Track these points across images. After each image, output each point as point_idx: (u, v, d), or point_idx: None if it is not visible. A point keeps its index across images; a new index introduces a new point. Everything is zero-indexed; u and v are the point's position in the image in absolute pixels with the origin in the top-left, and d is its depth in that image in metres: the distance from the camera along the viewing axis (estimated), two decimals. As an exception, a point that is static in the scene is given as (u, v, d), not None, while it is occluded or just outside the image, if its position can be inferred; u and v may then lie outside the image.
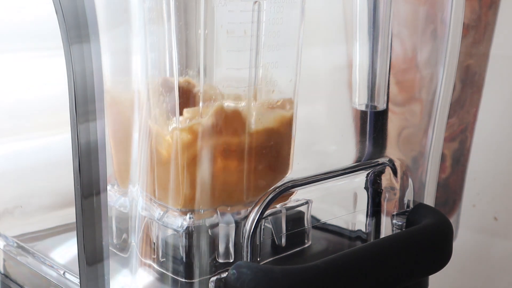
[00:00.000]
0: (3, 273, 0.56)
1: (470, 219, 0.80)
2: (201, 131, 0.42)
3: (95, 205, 0.42)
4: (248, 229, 0.43)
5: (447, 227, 0.49)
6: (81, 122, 0.41)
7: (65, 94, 0.41)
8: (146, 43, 0.41)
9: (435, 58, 0.50)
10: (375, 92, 0.51)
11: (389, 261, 0.46)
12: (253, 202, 0.44)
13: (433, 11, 0.50)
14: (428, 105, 0.51)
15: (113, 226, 0.46)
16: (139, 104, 0.42)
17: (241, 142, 0.43)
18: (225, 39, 0.42)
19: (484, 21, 0.69)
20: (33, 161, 0.59)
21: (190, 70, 0.42)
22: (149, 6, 0.41)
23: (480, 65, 0.71)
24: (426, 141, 0.52)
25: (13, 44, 0.57)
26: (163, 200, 0.43)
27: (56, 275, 0.50)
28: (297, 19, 0.45)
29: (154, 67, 0.42)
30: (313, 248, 0.50)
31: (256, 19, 0.43)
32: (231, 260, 0.44)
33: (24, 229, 0.57)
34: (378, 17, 0.49)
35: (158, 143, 0.43)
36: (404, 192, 0.52)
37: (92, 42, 0.40)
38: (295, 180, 0.46)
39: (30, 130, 0.59)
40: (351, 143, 0.53)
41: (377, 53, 0.50)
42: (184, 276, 0.43)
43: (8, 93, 0.58)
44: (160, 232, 0.43)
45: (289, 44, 0.45)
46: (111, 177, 0.46)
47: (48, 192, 0.59)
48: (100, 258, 0.43)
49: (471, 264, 0.81)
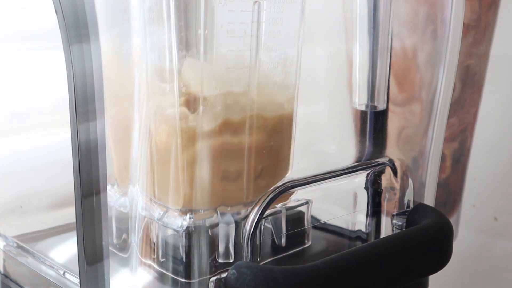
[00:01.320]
0: (3, 273, 0.56)
1: (470, 219, 0.80)
2: (200, 132, 0.42)
3: (95, 205, 0.42)
4: (248, 229, 0.43)
5: (447, 227, 0.49)
6: (81, 122, 0.41)
7: (65, 94, 0.41)
8: (146, 43, 0.41)
9: (435, 58, 0.50)
10: (375, 92, 0.51)
11: (389, 261, 0.46)
12: (253, 202, 0.44)
13: (433, 11, 0.50)
14: (428, 105, 0.51)
15: (113, 226, 0.46)
16: (139, 103, 0.42)
17: (241, 142, 0.43)
18: (225, 39, 0.42)
19: (484, 21, 0.69)
20: (33, 161, 0.59)
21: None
22: (149, 6, 0.41)
23: (480, 65, 0.71)
24: (426, 141, 0.52)
25: (13, 44, 0.57)
26: (163, 200, 0.43)
27: (56, 275, 0.50)
28: (297, 19, 0.45)
29: (154, 67, 0.42)
30: (313, 248, 0.50)
31: (256, 19, 0.43)
32: (231, 260, 0.43)
33: (24, 229, 0.57)
34: (378, 17, 0.49)
35: (158, 141, 0.43)
36: (404, 192, 0.52)
37: (92, 42, 0.40)
38: (295, 180, 0.46)
39: (30, 130, 0.59)
40: (351, 143, 0.53)
41: (377, 53, 0.50)
42: (184, 276, 0.43)
43: (8, 93, 0.58)
44: (160, 232, 0.43)
45: (289, 44, 0.45)
46: (111, 177, 0.46)
47: (48, 192, 0.59)
48: (100, 258, 0.43)
49: (471, 264, 0.81)
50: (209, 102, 0.42)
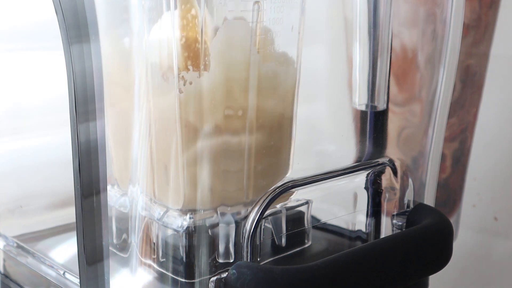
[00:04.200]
0: (3, 273, 0.56)
1: (470, 219, 0.80)
2: (201, 132, 0.42)
3: (95, 205, 0.42)
4: (248, 229, 0.43)
5: (447, 227, 0.49)
6: (81, 122, 0.41)
7: (65, 94, 0.41)
8: (146, 43, 0.41)
9: (435, 58, 0.50)
10: (375, 92, 0.51)
11: (389, 261, 0.46)
12: (253, 202, 0.44)
13: (433, 11, 0.50)
14: (428, 105, 0.51)
15: (113, 226, 0.46)
16: (139, 103, 0.42)
17: (241, 142, 0.43)
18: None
19: (484, 21, 0.69)
20: (33, 161, 0.59)
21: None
22: (149, 6, 0.41)
23: (480, 65, 0.71)
24: (426, 141, 0.52)
25: (13, 44, 0.57)
26: (163, 200, 0.43)
27: (56, 275, 0.50)
28: (297, 19, 0.45)
29: (154, 67, 0.42)
30: (313, 248, 0.50)
31: (256, 19, 0.43)
32: (231, 260, 0.44)
33: (24, 229, 0.57)
34: (378, 17, 0.49)
35: (158, 141, 0.43)
36: (404, 192, 0.52)
37: (92, 42, 0.40)
38: (295, 180, 0.46)
39: (30, 130, 0.59)
40: (351, 143, 0.53)
41: (377, 53, 0.50)
42: (184, 276, 0.43)
43: (8, 93, 0.58)
44: (160, 232, 0.43)
45: (289, 44, 0.45)
46: (111, 177, 0.46)
47: (48, 192, 0.59)
48: (100, 258, 0.43)
49: (471, 264, 0.81)
50: (209, 101, 0.42)
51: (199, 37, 0.41)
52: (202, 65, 0.41)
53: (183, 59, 0.41)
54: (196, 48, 0.41)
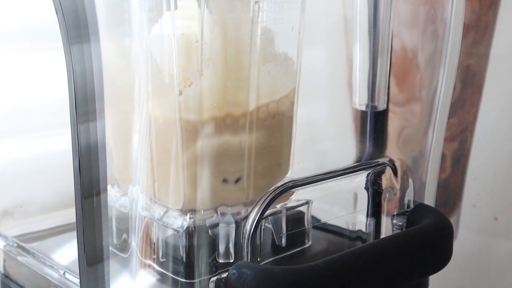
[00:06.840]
0: (3, 273, 0.56)
1: (470, 219, 0.80)
2: (201, 132, 0.42)
3: (95, 205, 0.42)
4: (248, 229, 0.43)
5: (447, 227, 0.49)
6: (81, 122, 0.41)
7: (65, 95, 0.41)
8: (146, 43, 0.41)
9: (435, 58, 0.50)
10: (375, 92, 0.51)
11: (389, 261, 0.46)
12: (253, 202, 0.44)
13: (433, 11, 0.50)
14: (428, 105, 0.51)
15: (113, 226, 0.46)
16: (140, 103, 0.42)
17: (241, 142, 0.43)
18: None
19: (484, 21, 0.69)
20: (34, 161, 0.59)
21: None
22: (149, 6, 0.41)
23: (480, 65, 0.71)
24: (426, 141, 0.52)
25: (13, 44, 0.57)
26: (163, 200, 0.43)
27: (56, 275, 0.50)
28: (297, 19, 0.45)
29: (154, 68, 0.42)
30: (313, 248, 0.50)
31: (256, 19, 0.43)
32: (231, 260, 0.44)
33: (24, 229, 0.57)
34: (378, 17, 0.49)
35: (159, 141, 0.43)
36: (404, 192, 0.52)
37: (92, 42, 0.40)
38: (295, 180, 0.46)
39: (30, 130, 0.59)
40: (351, 143, 0.53)
41: (377, 53, 0.50)
42: (184, 276, 0.43)
43: (8, 93, 0.58)
44: (160, 232, 0.43)
45: (289, 44, 0.45)
46: (111, 177, 0.46)
47: (48, 192, 0.59)
48: (100, 259, 0.43)
49: (471, 264, 0.81)
50: (209, 102, 0.42)
51: (199, 38, 0.41)
52: (202, 65, 0.41)
53: (183, 59, 0.41)
54: (196, 49, 0.41)
